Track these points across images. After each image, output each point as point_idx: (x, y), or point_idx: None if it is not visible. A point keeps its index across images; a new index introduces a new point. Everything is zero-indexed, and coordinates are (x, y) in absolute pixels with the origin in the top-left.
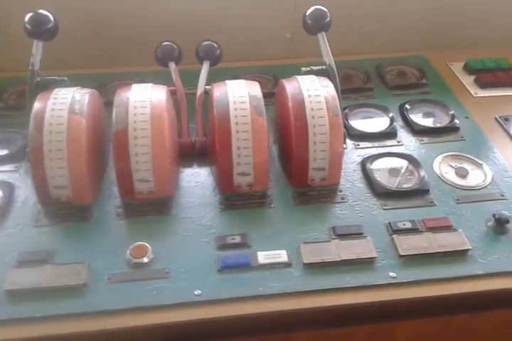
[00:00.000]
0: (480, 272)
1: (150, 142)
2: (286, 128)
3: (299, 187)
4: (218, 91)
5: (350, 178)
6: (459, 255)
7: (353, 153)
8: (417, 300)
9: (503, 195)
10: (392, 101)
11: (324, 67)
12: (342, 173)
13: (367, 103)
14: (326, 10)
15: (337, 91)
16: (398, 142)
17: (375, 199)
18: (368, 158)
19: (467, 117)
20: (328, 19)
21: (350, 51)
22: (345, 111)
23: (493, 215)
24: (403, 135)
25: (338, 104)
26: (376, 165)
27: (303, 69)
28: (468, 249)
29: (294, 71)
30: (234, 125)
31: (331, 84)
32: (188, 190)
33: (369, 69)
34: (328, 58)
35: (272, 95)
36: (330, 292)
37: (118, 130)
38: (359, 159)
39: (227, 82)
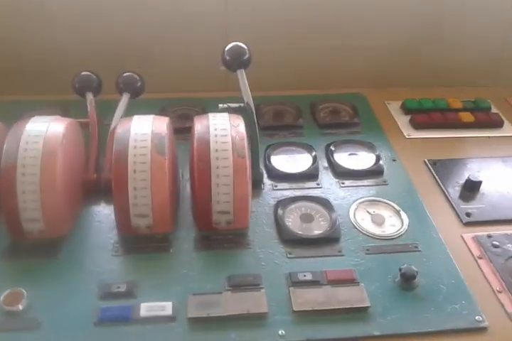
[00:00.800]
0: (376, 333)
1: (38, 180)
2: (191, 168)
3: (204, 231)
4: (121, 127)
5: (260, 222)
6: (357, 312)
7: (270, 195)
8: None
9: (416, 247)
10: (320, 140)
11: (242, 104)
12: (254, 216)
13: (292, 141)
14: (245, 47)
15: (254, 130)
16: (317, 184)
17: (282, 246)
18: (282, 201)
19: (394, 160)
20: (247, 56)
21: (286, 86)
22: (268, 149)
23: (400, 269)
24: (325, 177)
25: (246, 145)
26: (289, 209)
27: (220, 105)
28: (368, 307)
29: None
30: (132, 164)
31: (242, 124)
32: (86, 230)
33: (303, 106)
34: (247, 96)
35: None
36: None
37: (6, 165)
38: (274, 201)
39: (134, 117)
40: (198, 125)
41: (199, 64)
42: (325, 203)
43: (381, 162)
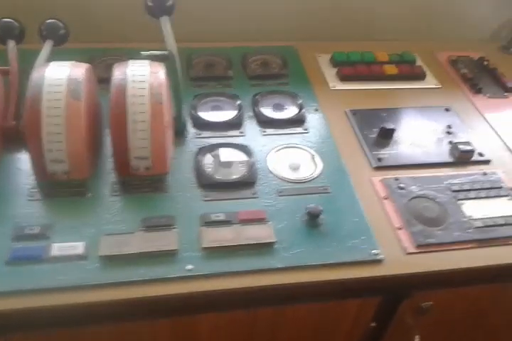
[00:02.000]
0: (279, 265)
1: None
2: (109, 114)
3: (124, 176)
4: (37, 72)
5: (181, 168)
6: (263, 248)
7: (193, 143)
8: (216, 293)
9: (326, 189)
10: (249, 91)
11: (166, 52)
12: (176, 163)
13: (219, 92)
14: None
15: (176, 79)
16: (241, 133)
17: (200, 190)
18: (203, 148)
19: (317, 110)
20: (171, 2)
21: (219, 38)
22: (195, 99)
23: (306, 209)
24: (249, 126)
25: (164, 92)
26: (209, 155)
27: (142, 53)
28: (273, 242)
29: None
30: (45, 109)
31: (162, 71)
32: (4, 177)
33: (235, 58)
34: (170, 44)
35: None
36: (122, 285)
37: None
38: (196, 149)
39: (51, 63)
40: (117, 71)
41: (130, 13)
42: (245, 150)
43: (303, 112)
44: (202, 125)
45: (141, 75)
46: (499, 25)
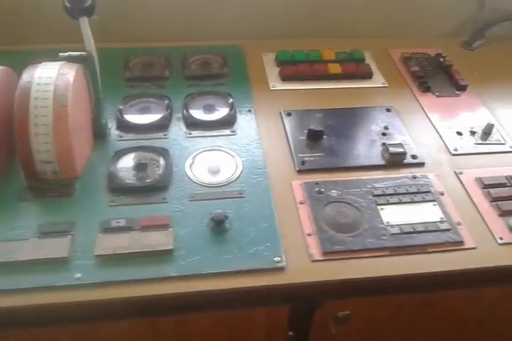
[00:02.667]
0: (173, 274)
1: None
2: (14, 118)
3: (32, 181)
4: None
5: (95, 172)
6: (160, 255)
7: (113, 146)
8: (106, 302)
9: (241, 193)
10: (184, 92)
11: (84, 53)
12: (91, 167)
13: (151, 93)
14: None
15: (95, 81)
16: (164, 135)
17: (109, 195)
18: (120, 151)
19: (250, 111)
20: (89, 3)
21: (163, 38)
22: (123, 100)
23: (210, 214)
24: (175, 128)
25: (73, 94)
26: (125, 159)
27: (60, 54)
28: (171, 250)
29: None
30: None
31: (72, 73)
32: None
33: (176, 58)
34: (89, 44)
35: None
36: (8, 293)
37: None
38: (114, 152)
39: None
40: (25, 74)
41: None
42: (163, 153)
43: (234, 113)
44: (126, 127)
45: (48, 77)
46: (462, 20)
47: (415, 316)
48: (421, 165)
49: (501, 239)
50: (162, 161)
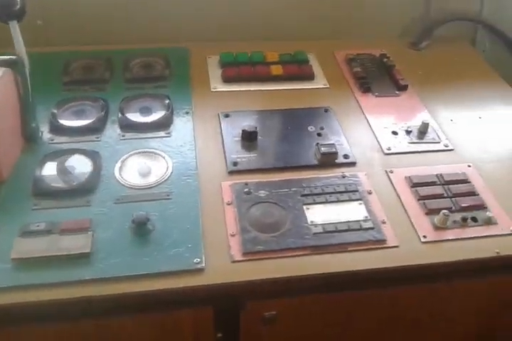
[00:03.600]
0: (87, 277)
1: None
2: None
3: None
4: None
5: (23, 176)
6: (77, 258)
7: (44, 149)
8: (18, 306)
9: (168, 195)
10: (123, 95)
11: (14, 57)
12: (20, 170)
13: (87, 96)
14: None
15: (25, 85)
16: (97, 138)
17: (33, 198)
18: (48, 154)
19: (188, 113)
20: (18, 7)
21: (108, 40)
22: (58, 104)
23: (132, 216)
24: (109, 130)
25: None
26: (53, 162)
27: None
28: (87, 253)
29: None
30: None
31: None
32: None
33: (118, 60)
34: (19, 49)
35: None
36: None
37: None
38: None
39: None
40: None
41: None
42: (92, 156)
43: (170, 115)
44: (59, 130)
45: None
46: (409, 21)
47: (343, 314)
48: (352, 164)
49: (425, 237)
50: (90, 164)
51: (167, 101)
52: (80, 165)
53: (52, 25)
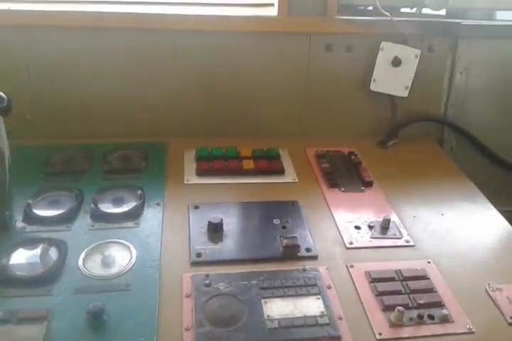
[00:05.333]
0: None
1: None
2: None
3: None
4: None
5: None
6: None
7: (15, 238)
8: None
9: (128, 286)
10: (100, 185)
11: None
12: None
13: (62, 186)
14: (3, 95)
15: (4, 174)
16: (67, 227)
17: None
18: (17, 243)
19: (159, 204)
20: (5, 104)
21: (92, 134)
22: (34, 194)
23: (88, 307)
24: (80, 220)
25: None
26: (20, 251)
27: None
28: None
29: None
30: None
31: None
32: None
33: (99, 153)
34: (1, 142)
35: None
36: None
37: None
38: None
39: None
40: None
41: None
42: (59, 245)
43: (141, 206)
44: (32, 219)
45: None
46: (378, 122)
47: None
48: (314, 258)
49: (380, 334)
50: (56, 253)
51: (139, 192)
52: (46, 255)
53: (39, 119)
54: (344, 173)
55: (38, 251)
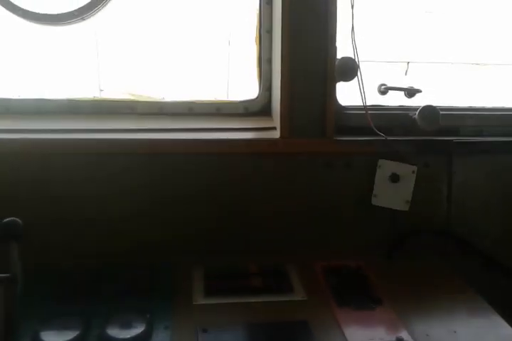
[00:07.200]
0: None
1: None
2: None
3: None
4: None
5: None
6: None
7: None
8: None
9: None
10: (109, 308)
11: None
12: None
13: (72, 312)
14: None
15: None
16: None
17: None
18: None
19: (167, 327)
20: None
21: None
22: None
23: None
24: None
25: None
26: None
27: None
28: None
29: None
30: None
31: None
32: None
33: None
34: (15, 267)
35: None
36: None
37: None
38: None
39: None
40: None
41: None
42: None
43: (147, 331)
44: None
45: None
46: (382, 235)
47: None
48: None
49: None
50: None
51: (148, 316)
52: None
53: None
54: (353, 289)
55: None
